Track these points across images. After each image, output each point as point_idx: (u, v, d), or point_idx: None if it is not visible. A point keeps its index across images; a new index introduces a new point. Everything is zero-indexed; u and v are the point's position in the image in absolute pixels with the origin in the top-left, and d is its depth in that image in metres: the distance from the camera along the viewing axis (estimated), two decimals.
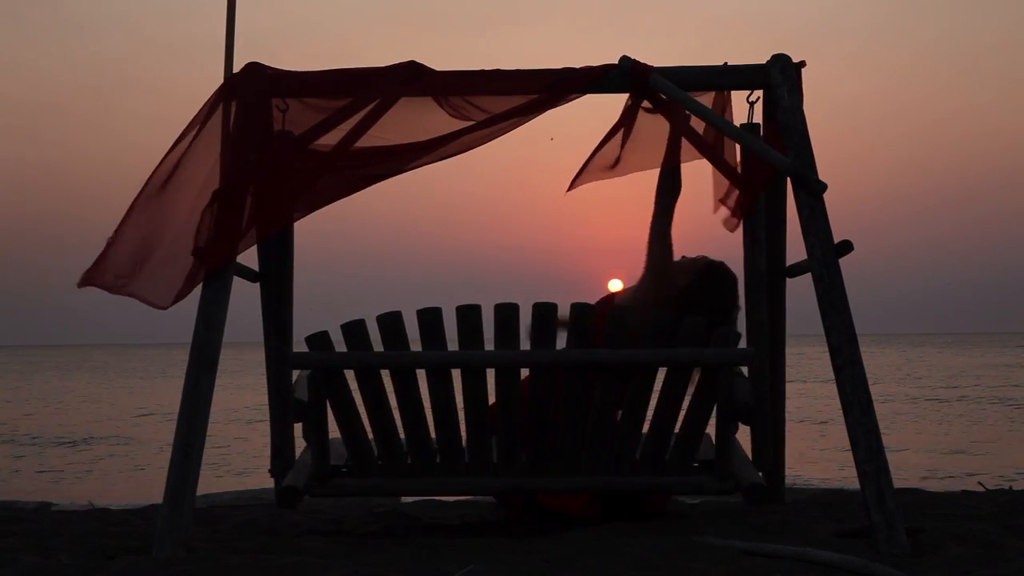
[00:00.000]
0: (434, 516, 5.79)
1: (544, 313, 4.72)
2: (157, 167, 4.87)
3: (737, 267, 5.50)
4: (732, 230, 5.50)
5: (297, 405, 4.73)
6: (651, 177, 5.53)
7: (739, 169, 5.37)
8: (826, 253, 4.62)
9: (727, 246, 5.57)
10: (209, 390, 4.48)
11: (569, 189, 5.35)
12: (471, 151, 4.99)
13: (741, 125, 5.23)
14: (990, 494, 6.07)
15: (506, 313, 4.69)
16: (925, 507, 5.35)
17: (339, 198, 4.92)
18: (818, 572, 3.87)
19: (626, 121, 5.18)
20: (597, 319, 4.79)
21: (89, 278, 4.76)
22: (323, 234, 5.05)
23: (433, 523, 5.55)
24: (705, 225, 5.67)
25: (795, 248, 5.01)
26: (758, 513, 5.13)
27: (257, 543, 4.59)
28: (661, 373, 4.82)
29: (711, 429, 4.95)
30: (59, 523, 5.21)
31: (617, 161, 5.35)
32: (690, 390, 4.85)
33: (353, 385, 4.78)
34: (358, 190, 4.93)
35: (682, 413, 4.84)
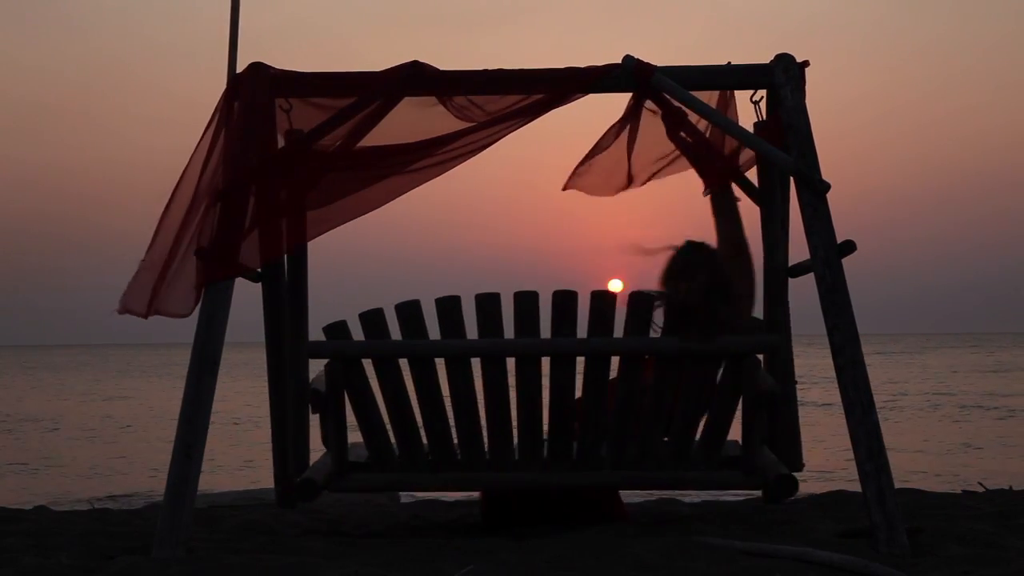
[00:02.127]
0: (434, 516, 5.79)
1: (563, 301, 4.68)
2: (178, 184, 4.85)
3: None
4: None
5: (314, 395, 4.69)
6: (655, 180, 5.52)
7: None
8: (829, 253, 4.61)
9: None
10: (210, 390, 4.48)
11: (565, 188, 5.37)
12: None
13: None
14: (990, 494, 6.07)
15: (526, 301, 4.67)
16: (925, 507, 5.35)
17: (345, 204, 4.93)
18: (818, 572, 3.87)
19: (629, 119, 5.16)
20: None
21: (126, 304, 4.74)
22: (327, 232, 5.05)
23: (433, 523, 5.55)
24: (708, 225, 5.64)
25: (797, 248, 5.00)
26: (758, 513, 5.12)
27: (257, 543, 4.59)
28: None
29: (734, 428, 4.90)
30: (59, 523, 5.20)
31: (630, 178, 5.36)
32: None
33: (371, 376, 4.75)
34: (361, 190, 4.94)
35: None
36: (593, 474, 4.82)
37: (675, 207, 5.68)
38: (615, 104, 5.18)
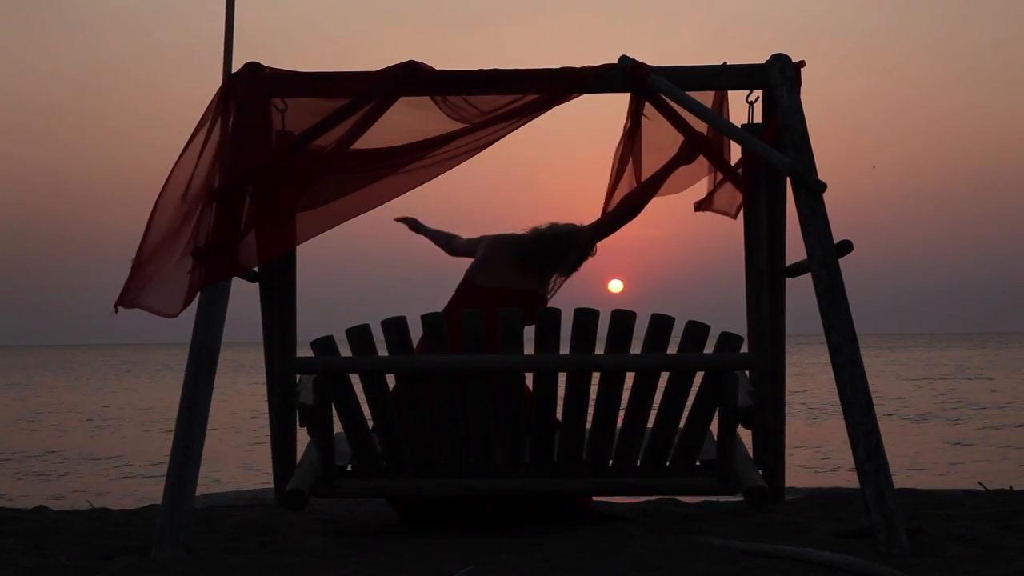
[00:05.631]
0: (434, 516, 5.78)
1: (548, 318, 4.71)
2: (168, 179, 4.85)
3: (738, 267, 5.49)
4: (735, 216, 5.51)
5: (301, 408, 4.72)
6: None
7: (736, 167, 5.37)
8: (826, 253, 4.62)
9: (728, 246, 5.57)
10: (208, 390, 4.48)
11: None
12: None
13: (742, 125, 5.22)
14: (990, 494, 6.06)
15: (509, 318, 4.69)
16: (925, 507, 5.34)
17: (342, 204, 4.93)
18: (818, 572, 3.87)
19: (632, 127, 5.17)
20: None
21: (119, 300, 4.76)
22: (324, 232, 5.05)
23: (433, 523, 5.54)
24: (707, 224, 5.65)
25: (795, 248, 5.01)
26: (758, 513, 5.12)
27: (257, 543, 4.59)
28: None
29: (713, 428, 4.94)
30: (58, 523, 5.20)
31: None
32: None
33: (357, 387, 4.78)
34: (356, 190, 4.94)
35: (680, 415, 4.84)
36: (573, 481, 4.86)
37: (676, 207, 5.67)
38: (614, 104, 5.19)
